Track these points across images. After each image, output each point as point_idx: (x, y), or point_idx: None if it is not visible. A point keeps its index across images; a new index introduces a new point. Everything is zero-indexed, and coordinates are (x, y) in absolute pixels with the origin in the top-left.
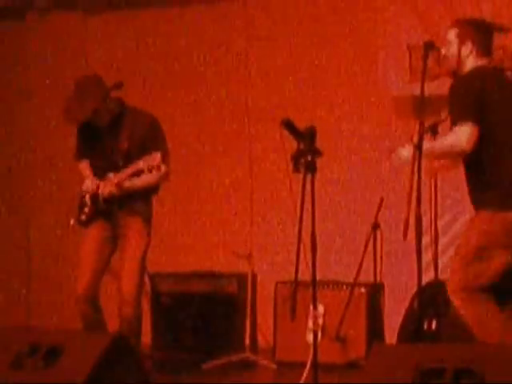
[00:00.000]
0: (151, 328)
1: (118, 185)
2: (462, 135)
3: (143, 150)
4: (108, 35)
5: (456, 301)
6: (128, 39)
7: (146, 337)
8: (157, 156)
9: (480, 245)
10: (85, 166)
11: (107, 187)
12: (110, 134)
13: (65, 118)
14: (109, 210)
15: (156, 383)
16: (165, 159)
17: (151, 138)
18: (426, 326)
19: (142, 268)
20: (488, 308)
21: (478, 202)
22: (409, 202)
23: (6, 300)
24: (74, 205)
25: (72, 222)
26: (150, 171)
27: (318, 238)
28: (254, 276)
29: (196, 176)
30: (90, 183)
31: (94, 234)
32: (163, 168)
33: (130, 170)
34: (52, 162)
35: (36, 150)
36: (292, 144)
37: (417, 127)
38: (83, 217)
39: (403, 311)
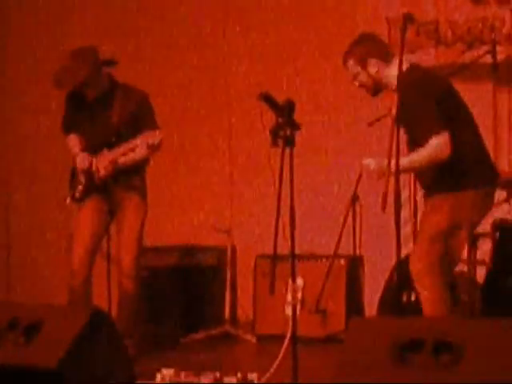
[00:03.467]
0: None
1: (113, 162)
2: (442, 146)
3: (134, 125)
4: (88, 5)
5: (423, 282)
6: (105, 12)
7: None
8: (156, 134)
9: (451, 224)
10: (73, 141)
11: (102, 165)
12: (100, 109)
13: (55, 85)
14: (104, 186)
15: (135, 357)
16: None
17: (142, 114)
18: (405, 299)
19: (141, 242)
20: (446, 296)
21: (445, 185)
22: (388, 175)
23: None
24: (64, 182)
25: (68, 200)
26: (150, 148)
27: (296, 211)
28: (234, 250)
29: (175, 150)
30: (81, 161)
31: (90, 206)
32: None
33: (126, 148)
34: (31, 139)
35: (16, 127)
36: (271, 118)
37: (395, 99)
38: (77, 194)
39: (383, 284)
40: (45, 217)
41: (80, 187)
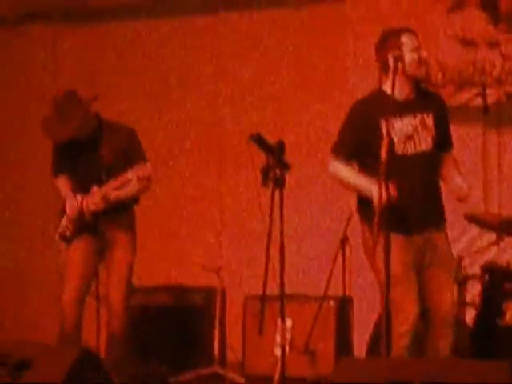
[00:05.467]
0: None
1: (105, 198)
2: None
3: (123, 162)
4: (79, 48)
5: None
6: (98, 53)
7: None
8: (146, 166)
9: None
10: (63, 183)
11: (92, 201)
12: (89, 147)
13: (46, 136)
14: (94, 224)
15: None
16: (143, 171)
17: (132, 150)
18: None
19: (130, 282)
20: None
21: (443, 217)
22: (379, 217)
23: None
24: (52, 220)
25: (57, 237)
26: (141, 181)
27: (286, 251)
28: (223, 290)
29: (165, 189)
30: (70, 204)
31: (80, 246)
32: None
33: (117, 182)
34: (20, 179)
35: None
36: (262, 158)
37: (386, 142)
38: (67, 233)
39: (372, 325)
40: (30, 257)
41: (70, 226)
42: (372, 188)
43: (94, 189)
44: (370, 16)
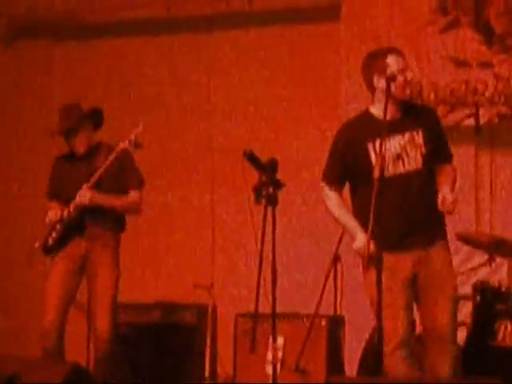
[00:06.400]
0: None
1: (91, 188)
2: None
3: (117, 182)
4: (74, 64)
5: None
6: (94, 68)
7: None
8: (136, 195)
9: None
10: (53, 207)
11: (80, 194)
12: (84, 165)
13: (47, 134)
14: (78, 225)
15: None
16: (139, 190)
17: (125, 171)
18: None
19: (115, 303)
20: None
21: (440, 233)
22: (370, 234)
23: None
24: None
25: (37, 244)
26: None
27: (278, 270)
28: (215, 307)
29: (157, 207)
30: (52, 213)
31: (61, 266)
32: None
33: (106, 198)
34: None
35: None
36: (255, 176)
37: (378, 159)
38: (50, 241)
39: (363, 344)
40: (26, 271)
41: (54, 234)
42: (357, 235)
43: (84, 186)
44: (363, 35)
